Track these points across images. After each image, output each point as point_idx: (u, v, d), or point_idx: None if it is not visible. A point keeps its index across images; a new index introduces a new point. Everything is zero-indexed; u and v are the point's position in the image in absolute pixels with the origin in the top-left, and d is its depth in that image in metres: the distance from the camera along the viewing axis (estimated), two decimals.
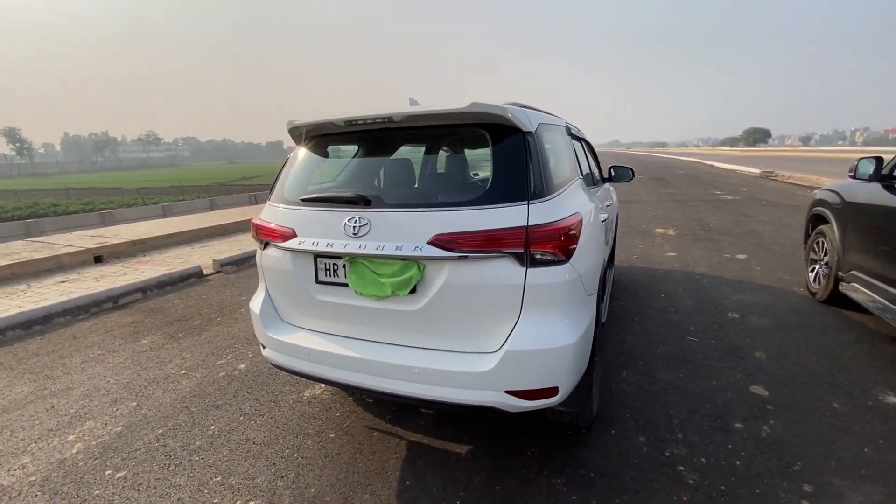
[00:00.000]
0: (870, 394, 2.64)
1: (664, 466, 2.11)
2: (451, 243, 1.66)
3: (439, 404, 1.76)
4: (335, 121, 1.96)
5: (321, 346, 1.96)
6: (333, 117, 1.95)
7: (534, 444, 2.30)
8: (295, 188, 2.16)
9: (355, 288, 1.86)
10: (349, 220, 1.83)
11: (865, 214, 3.37)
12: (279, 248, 2.04)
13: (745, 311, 4.02)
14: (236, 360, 3.38)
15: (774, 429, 2.35)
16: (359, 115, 1.88)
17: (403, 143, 2.24)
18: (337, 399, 2.79)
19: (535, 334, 1.68)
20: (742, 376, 2.89)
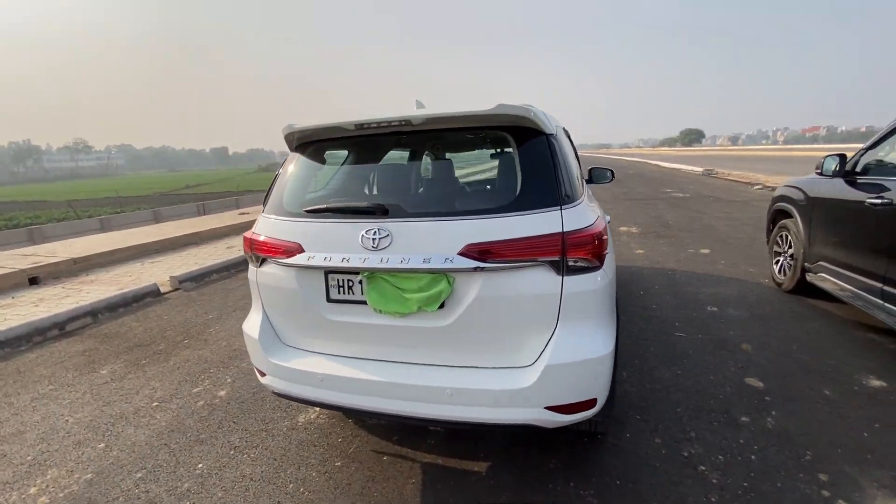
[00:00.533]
0: (854, 378, 2.79)
1: (686, 467, 2.10)
2: (484, 253, 1.55)
3: (475, 426, 1.65)
4: (343, 124, 1.80)
5: (337, 371, 1.79)
6: (341, 120, 1.79)
7: (552, 454, 2.23)
8: (296, 198, 1.98)
9: (375, 305, 1.71)
10: (367, 232, 1.68)
11: (830, 208, 3.59)
12: (282, 264, 1.85)
13: (722, 303, 4.19)
14: (214, 386, 3.09)
15: (778, 420, 2.42)
16: (372, 118, 1.74)
17: (420, 148, 2.11)
18: (336, 422, 2.60)
19: (573, 345, 1.61)
20: (736, 369, 2.98)
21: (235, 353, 3.61)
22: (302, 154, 2.06)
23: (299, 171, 2.04)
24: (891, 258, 2.81)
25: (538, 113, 1.67)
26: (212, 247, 7.91)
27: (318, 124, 1.86)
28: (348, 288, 1.77)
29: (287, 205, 1.95)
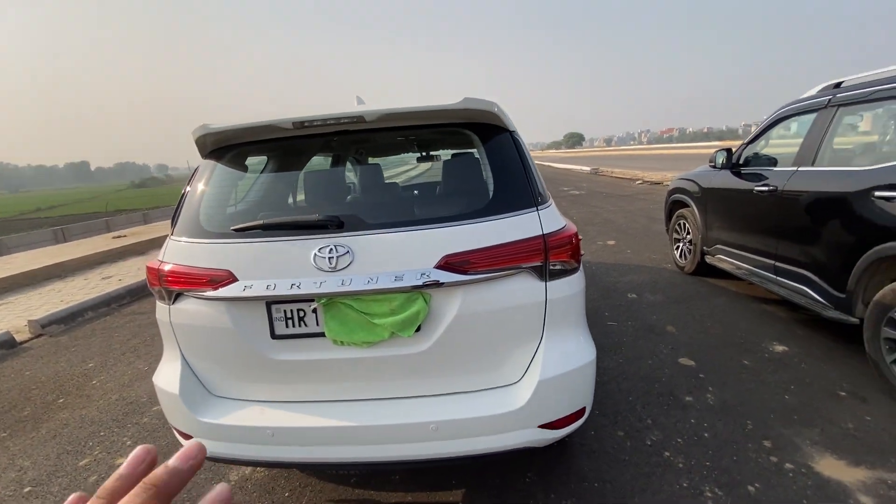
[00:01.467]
0: (762, 347, 3.13)
1: (653, 456, 2.14)
2: (464, 264, 1.38)
3: (465, 460, 1.47)
4: (278, 122, 1.50)
5: (291, 421, 1.48)
6: (274, 118, 1.49)
7: (527, 468, 2.13)
8: (218, 215, 1.61)
9: (336, 337, 1.44)
10: (321, 251, 1.41)
11: (723, 197, 4.05)
12: (206, 298, 1.48)
13: (639, 290, 4.51)
14: (109, 454, 2.49)
15: (716, 395, 2.60)
16: (315, 115, 1.46)
17: (372, 149, 1.85)
18: (277, 474, 2.22)
19: (561, 355, 1.51)
20: (668, 351, 3.17)
21: (132, 406, 2.98)
22: (218, 161, 1.70)
23: (217, 182, 1.67)
24: (780, 238, 3.22)
25: (501, 108, 1.55)
26: (82, 279, 6.62)
27: (243, 124, 1.53)
28: (299, 320, 1.47)
29: (206, 224, 1.58)
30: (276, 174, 1.90)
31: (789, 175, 3.14)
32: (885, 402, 2.40)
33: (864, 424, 2.24)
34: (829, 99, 2.99)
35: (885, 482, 1.87)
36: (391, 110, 1.45)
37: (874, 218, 2.46)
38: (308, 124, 1.49)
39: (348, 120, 1.47)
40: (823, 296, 2.86)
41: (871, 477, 1.91)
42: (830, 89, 3.08)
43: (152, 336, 4.23)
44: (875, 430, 2.19)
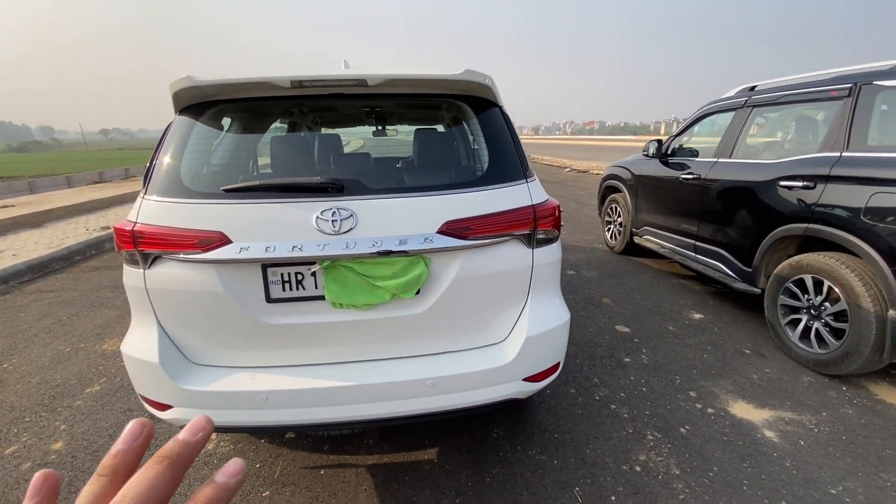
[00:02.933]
0: (683, 315, 3.59)
1: (602, 409, 2.41)
2: (463, 230, 1.46)
3: (458, 412, 1.57)
4: (274, 80, 1.43)
5: (286, 384, 1.47)
6: (271, 76, 1.42)
7: (493, 425, 2.29)
8: (203, 175, 1.52)
9: (336, 300, 1.45)
10: (323, 214, 1.40)
11: (651, 183, 4.49)
12: (194, 261, 1.41)
13: (577, 267, 4.88)
14: (40, 439, 2.26)
15: (649, 356, 2.96)
16: (316, 76, 1.42)
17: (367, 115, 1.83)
18: (245, 446, 2.18)
19: (543, 315, 1.65)
20: (606, 320, 3.52)
21: (59, 389, 2.70)
22: (197, 118, 1.59)
23: (199, 140, 1.57)
24: (701, 220, 3.67)
25: (494, 83, 1.63)
26: None
27: (235, 79, 1.44)
28: (297, 283, 1.46)
29: (190, 183, 1.49)
30: (260, 136, 1.82)
31: (711, 165, 3.58)
32: (780, 357, 2.90)
33: (765, 375, 2.69)
34: (746, 100, 3.44)
35: (783, 419, 2.29)
36: (395, 75, 1.46)
37: (777, 204, 2.91)
38: (307, 84, 1.45)
39: (350, 82, 1.46)
40: (734, 270, 3.34)
41: (772, 416, 2.32)
42: (746, 91, 3.54)
43: (69, 316, 3.80)
44: (773, 380, 2.64)
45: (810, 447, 2.09)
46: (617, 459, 2.03)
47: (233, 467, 0.30)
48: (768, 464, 1.99)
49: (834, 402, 2.43)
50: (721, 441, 2.14)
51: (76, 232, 6.72)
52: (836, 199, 2.55)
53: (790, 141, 3.29)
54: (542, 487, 1.88)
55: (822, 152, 2.71)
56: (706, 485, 1.88)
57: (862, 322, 2.39)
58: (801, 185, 2.74)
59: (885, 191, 2.32)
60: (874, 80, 2.57)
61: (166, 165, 1.52)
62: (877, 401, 2.44)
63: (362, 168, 1.81)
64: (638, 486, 1.88)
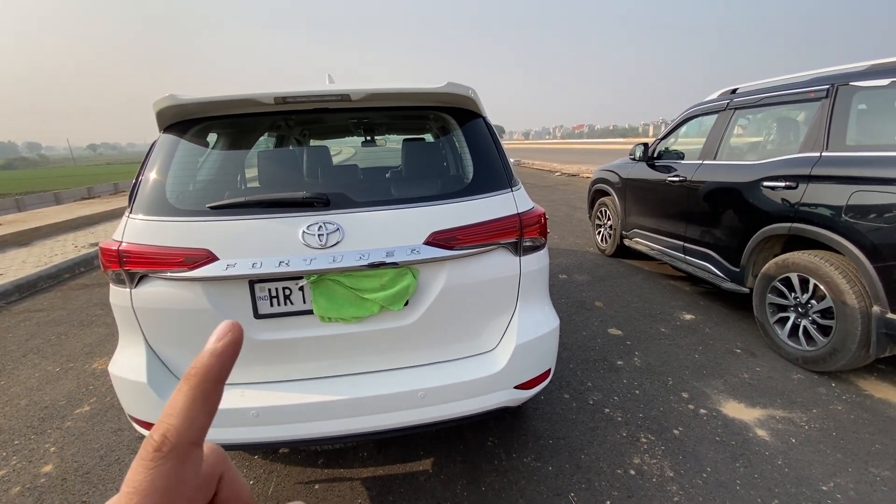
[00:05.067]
0: (674, 316, 3.62)
1: (596, 413, 2.42)
2: (450, 240, 1.47)
3: (452, 422, 1.57)
4: (258, 97, 1.44)
5: (276, 400, 1.46)
6: (254, 93, 1.44)
7: (488, 433, 2.29)
8: (188, 193, 1.52)
9: (324, 314, 1.45)
10: (309, 228, 1.41)
11: (639, 186, 4.54)
12: (181, 279, 1.41)
13: (568, 271, 4.91)
14: (30, 462, 2.23)
15: (641, 358, 2.98)
16: (300, 91, 1.43)
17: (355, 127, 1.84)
18: (233, 462, 2.17)
19: (533, 322, 1.66)
20: (598, 323, 3.54)
21: (49, 411, 2.66)
22: (182, 136, 1.59)
23: (184, 158, 1.57)
24: (688, 222, 3.71)
25: (477, 94, 1.65)
26: None
27: (218, 96, 1.45)
28: (285, 298, 1.46)
29: (176, 201, 1.49)
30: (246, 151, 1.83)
31: (696, 167, 3.63)
32: (770, 355, 2.93)
33: (756, 374, 2.72)
34: (728, 102, 3.50)
35: (774, 417, 2.32)
36: (378, 89, 1.48)
37: (762, 204, 2.96)
38: (290, 100, 1.47)
39: (333, 97, 1.47)
40: (722, 270, 3.37)
41: (763, 414, 2.34)
42: (728, 94, 3.60)
43: (58, 335, 3.76)
44: (764, 378, 2.67)
45: (801, 445, 2.11)
46: (611, 463, 2.04)
47: (222, 328, 0.27)
48: (761, 463, 2.01)
49: (824, 399, 2.45)
50: (714, 441, 2.16)
51: (65, 249, 6.65)
52: (817, 198, 2.59)
53: (772, 142, 3.35)
54: (537, 494, 1.88)
55: (802, 153, 2.77)
56: (700, 486, 1.89)
57: (847, 318, 2.43)
58: (783, 186, 2.79)
59: (865, 189, 2.36)
60: (851, 80, 2.63)
61: (151, 184, 1.52)
62: (865, 396, 2.47)
63: (349, 180, 1.82)
64: (632, 490, 1.88)
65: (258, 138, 2.07)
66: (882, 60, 2.61)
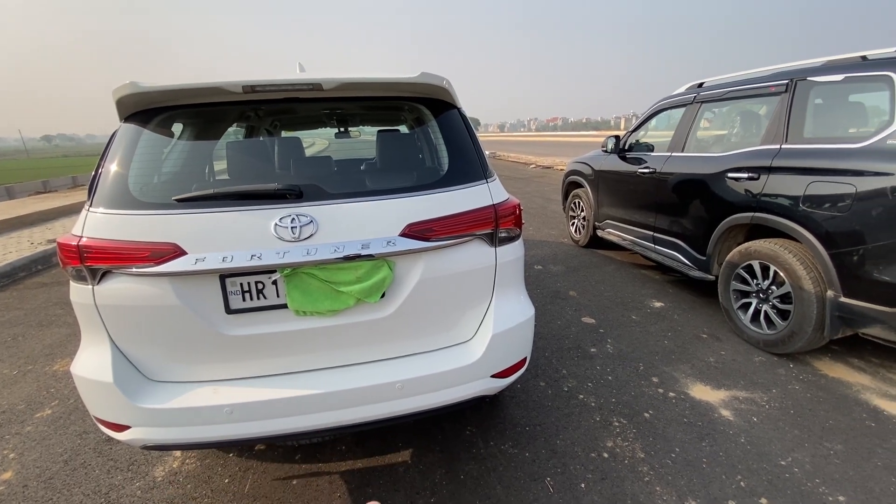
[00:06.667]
0: (644, 304, 3.73)
1: (570, 399, 2.48)
2: (427, 232, 1.46)
3: (428, 412, 1.58)
4: (225, 86, 1.39)
5: (251, 396, 1.44)
6: (222, 81, 1.39)
7: (465, 423, 2.32)
8: (153, 185, 1.46)
9: (299, 308, 1.43)
10: (282, 220, 1.38)
11: (610, 178, 4.63)
12: (147, 274, 1.36)
13: (543, 262, 4.99)
14: None
15: (614, 345, 3.06)
16: (269, 80, 1.39)
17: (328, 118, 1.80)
18: (213, 462, 2.12)
19: (508, 312, 1.68)
20: (572, 313, 3.61)
21: (6, 416, 2.54)
22: (144, 126, 1.53)
23: (147, 148, 1.51)
24: (658, 212, 3.82)
25: (451, 85, 1.64)
26: None
27: (182, 85, 1.40)
28: (258, 292, 1.43)
29: (139, 194, 1.43)
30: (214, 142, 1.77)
31: (665, 159, 3.73)
32: (734, 339, 3.06)
33: (721, 358, 2.84)
34: (695, 96, 3.61)
35: (737, 398, 2.43)
36: (350, 79, 1.45)
37: (727, 195, 3.07)
38: (260, 89, 1.42)
39: (305, 86, 1.44)
40: (689, 259, 3.50)
41: (728, 395, 2.46)
42: (695, 88, 3.70)
43: (14, 337, 3.57)
44: (728, 361, 2.79)
45: (762, 423, 2.22)
46: (586, 448, 2.10)
47: None
48: (725, 441, 2.11)
49: (782, 379, 2.59)
50: (682, 423, 2.25)
51: (20, 246, 6.31)
52: (777, 188, 2.71)
53: (736, 135, 3.47)
54: (514, 480, 1.92)
55: (764, 145, 2.88)
56: (669, 465, 1.97)
57: (804, 303, 2.56)
58: (746, 177, 2.90)
59: (821, 180, 2.49)
60: (808, 76, 2.75)
61: (112, 176, 1.45)
62: (820, 375, 2.62)
63: (323, 172, 1.79)
64: (606, 472, 1.95)
65: (227, 129, 2.01)
66: (836, 57, 2.73)
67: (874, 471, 1.91)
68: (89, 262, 1.38)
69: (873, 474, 1.89)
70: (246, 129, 2.57)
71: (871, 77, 2.46)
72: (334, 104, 1.64)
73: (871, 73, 2.46)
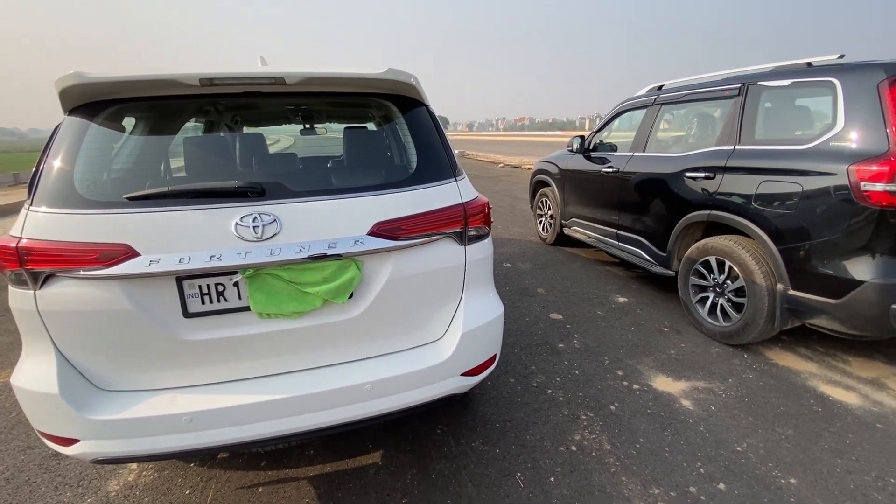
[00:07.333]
0: (609, 299, 3.84)
1: (539, 395, 2.52)
2: (395, 231, 1.44)
3: (400, 413, 1.56)
4: (181, 78, 1.32)
5: (212, 403, 1.37)
6: (178, 73, 1.31)
7: (437, 422, 2.31)
8: (101, 182, 1.37)
9: (263, 310, 1.38)
10: (244, 220, 1.32)
11: (576, 177, 4.74)
12: (96, 277, 1.27)
13: (512, 259, 5.05)
14: None
15: (580, 340, 3.13)
16: (229, 73, 1.33)
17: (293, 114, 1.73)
18: (172, 473, 2.02)
19: (478, 310, 1.69)
20: (540, 309, 3.67)
21: None
22: (91, 119, 1.43)
23: (95, 143, 1.41)
24: (621, 211, 3.93)
25: (419, 82, 1.63)
26: None
27: (134, 76, 1.31)
28: (218, 294, 1.37)
29: (86, 192, 1.33)
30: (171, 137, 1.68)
31: (627, 159, 3.84)
32: (693, 332, 3.19)
33: (681, 350, 2.95)
34: (655, 98, 3.73)
35: (697, 388, 2.53)
36: (314, 73, 1.41)
37: (685, 193, 3.19)
38: (218, 82, 1.36)
39: (266, 80, 1.38)
40: (651, 255, 3.62)
41: (688, 386, 2.56)
42: (655, 90, 3.84)
43: None
44: (688, 353, 2.91)
45: (720, 411, 2.33)
46: (555, 441, 2.14)
47: None
48: (686, 430, 2.19)
49: (738, 369, 2.72)
50: (646, 414, 2.32)
51: None
52: (731, 187, 2.84)
53: (694, 136, 3.62)
54: (485, 477, 1.93)
55: (719, 146, 3.02)
56: (634, 456, 2.03)
57: (757, 296, 2.70)
58: (703, 176, 3.03)
59: (771, 179, 2.62)
60: (759, 80, 2.90)
61: (56, 172, 1.35)
62: (771, 364, 2.77)
63: (287, 169, 1.74)
64: (574, 465, 1.98)
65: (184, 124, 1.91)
66: (785, 63, 2.90)
67: (822, 453, 2.03)
68: (30, 265, 1.28)
69: (821, 457, 2.01)
70: (206, 125, 2.46)
71: (816, 83, 2.62)
72: (299, 99, 1.59)
73: (816, 79, 2.62)
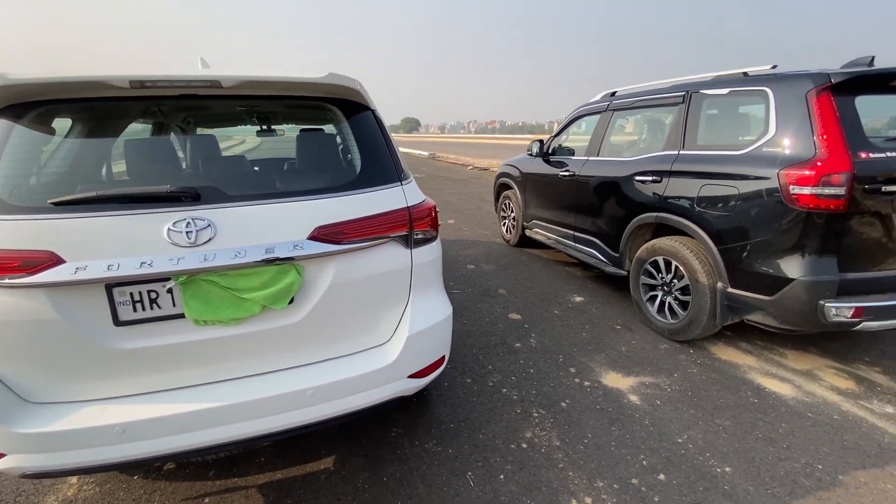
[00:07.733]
0: (566, 299, 3.94)
1: (494, 393, 2.56)
2: (337, 235, 1.44)
3: (344, 417, 1.55)
4: (110, 80, 1.28)
5: (145, 413, 1.33)
6: (106, 75, 1.27)
7: (392, 424, 2.32)
8: (24, 187, 1.31)
9: (198, 317, 1.35)
10: (175, 225, 1.29)
11: (536, 181, 4.84)
12: (18, 286, 1.22)
13: (476, 261, 5.10)
14: None
15: (537, 339, 3.21)
16: (161, 76, 1.30)
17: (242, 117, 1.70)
18: (112, 486, 1.95)
19: (425, 313, 1.70)
20: (500, 309, 3.74)
21: None
22: (16, 121, 1.37)
23: (19, 146, 1.35)
24: (578, 213, 4.05)
25: (363, 86, 1.64)
26: None
27: (61, 77, 1.26)
28: (151, 302, 1.33)
29: (7, 196, 1.28)
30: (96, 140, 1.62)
31: (583, 163, 3.97)
32: (644, 330, 3.32)
33: (631, 347, 3.07)
34: (608, 104, 3.87)
35: (644, 383, 2.64)
36: (252, 77, 1.40)
37: (635, 196, 3.32)
38: (150, 85, 1.33)
39: (200, 84, 1.36)
40: (605, 256, 3.74)
41: (636, 381, 2.66)
42: (609, 97, 3.97)
43: None
44: (638, 350, 3.03)
45: (664, 405, 2.43)
46: (506, 440, 2.18)
47: None
48: (632, 424, 2.28)
49: (683, 364, 2.85)
50: (595, 410, 2.40)
51: None
52: (676, 190, 2.98)
53: (643, 140, 3.77)
54: (437, 478, 1.95)
55: (665, 150, 3.16)
56: (581, 451, 2.10)
57: (700, 294, 2.84)
58: (651, 180, 3.16)
59: (711, 183, 2.77)
60: (701, 89, 3.05)
61: None
62: (714, 359, 2.92)
63: (229, 173, 1.71)
64: (524, 462, 2.03)
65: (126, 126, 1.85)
66: (724, 72, 3.06)
67: (756, 442, 2.16)
68: None
69: (755, 446, 2.14)
70: (154, 126, 2.38)
71: (751, 91, 2.78)
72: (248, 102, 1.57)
73: (751, 88, 2.78)
